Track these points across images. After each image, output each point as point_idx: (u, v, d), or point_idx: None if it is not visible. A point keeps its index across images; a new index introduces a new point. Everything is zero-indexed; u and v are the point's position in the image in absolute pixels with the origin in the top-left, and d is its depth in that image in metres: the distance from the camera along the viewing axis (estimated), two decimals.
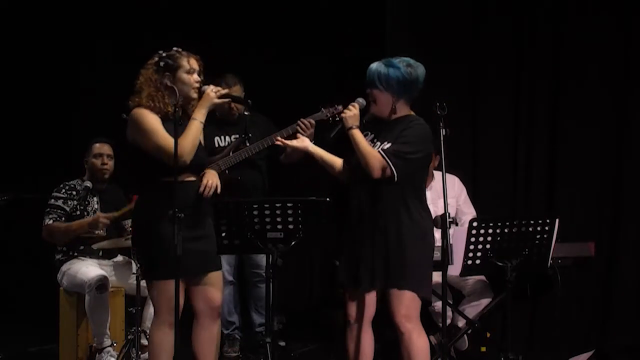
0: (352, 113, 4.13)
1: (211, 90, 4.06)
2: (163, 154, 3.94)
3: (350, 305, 4.18)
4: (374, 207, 4.03)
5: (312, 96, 5.98)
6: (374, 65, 4.12)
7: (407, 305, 4.04)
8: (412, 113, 4.19)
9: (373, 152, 4.03)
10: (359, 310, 4.16)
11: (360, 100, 4.19)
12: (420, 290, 4.06)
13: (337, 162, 4.22)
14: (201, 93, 4.08)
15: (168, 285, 3.94)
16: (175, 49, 4.11)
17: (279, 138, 4.38)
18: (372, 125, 4.23)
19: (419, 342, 4.07)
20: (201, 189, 4.08)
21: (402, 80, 4.08)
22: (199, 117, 4.02)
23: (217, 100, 4.07)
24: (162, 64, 4.06)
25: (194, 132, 4.00)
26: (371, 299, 4.16)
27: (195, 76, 4.09)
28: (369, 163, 4.01)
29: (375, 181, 4.04)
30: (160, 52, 4.11)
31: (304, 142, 4.28)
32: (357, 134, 4.08)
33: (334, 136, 4.27)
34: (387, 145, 4.07)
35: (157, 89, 4.04)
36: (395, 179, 4.00)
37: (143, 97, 4.03)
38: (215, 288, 4.15)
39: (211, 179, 4.13)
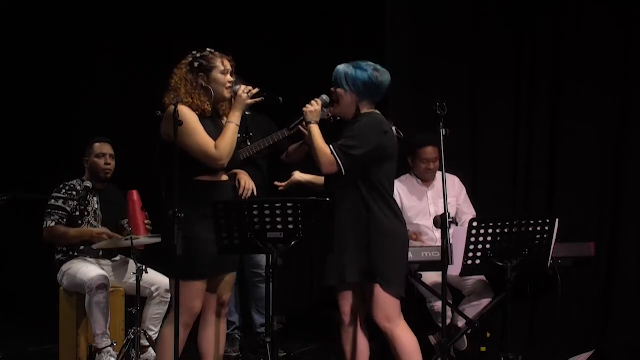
0: (313, 108, 4.22)
1: (243, 92, 4.10)
2: (201, 155, 3.99)
3: (342, 305, 4.23)
4: (338, 205, 4.05)
5: (312, 96, 5.97)
6: (342, 67, 4.20)
7: (382, 307, 4.10)
8: (375, 111, 4.22)
9: (324, 148, 4.10)
10: (350, 309, 4.21)
11: (324, 97, 4.26)
12: (388, 286, 4.08)
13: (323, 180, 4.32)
14: (234, 93, 4.12)
15: (191, 285, 4.00)
16: (209, 49, 4.15)
17: (277, 183, 4.58)
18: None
19: (402, 337, 4.12)
20: (240, 191, 4.19)
21: (368, 83, 4.13)
22: (235, 119, 4.07)
23: (250, 101, 4.12)
24: (196, 64, 4.10)
25: (231, 135, 4.04)
26: (358, 296, 4.20)
27: (229, 76, 4.14)
28: (318, 159, 4.11)
29: (334, 179, 4.11)
30: (194, 52, 4.14)
31: (294, 176, 4.48)
32: (315, 129, 4.17)
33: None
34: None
35: (193, 87, 4.07)
36: (343, 173, 4.07)
37: (181, 94, 4.05)
38: (227, 288, 4.23)
39: (248, 181, 4.22)
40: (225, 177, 4.14)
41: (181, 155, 3.97)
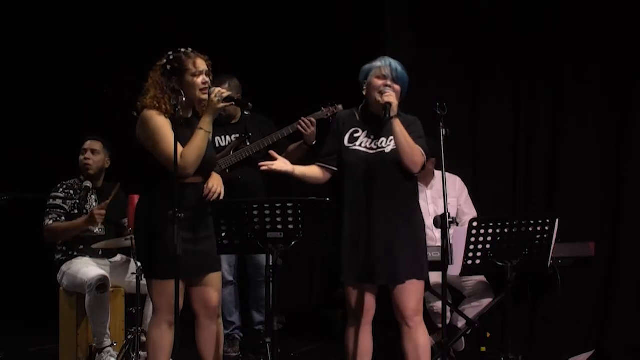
0: (397, 101, 4.15)
1: (214, 96, 4.04)
2: (168, 164, 3.95)
3: (352, 303, 4.21)
4: (391, 200, 4.10)
5: (312, 96, 5.98)
6: (398, 65, 4.24)
7: (417, 299, 4.17)
8: None
9: (417, 147, 4.11)
10: (361, 308, 4.20)
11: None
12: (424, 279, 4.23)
13: (316, 170, 4.29)
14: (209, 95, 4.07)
15: (169, 285, 3.95)
16: (182, 50, 4.10)
17: (263, 163, 4.29)
18: (366, 124, 4.26)
19: (425, 336, 4.18)
20: (205, 192, 4.11)
21: (407, 82, 4.26)
22: (205, 126, 4.02)
23: (220, 105, 4.07)
24: (169, 67, 4.06)
25: (199, 142, 4.00)
26: (373, 297, 4.21)
27: (203, 77, 4.08)
28: (415, 159, 4.10)
29: (394, 175, 4.12)
30: (169, 53, 4.10)
31: (286, 165, 4.24)
32: (400, 124, 4.11)
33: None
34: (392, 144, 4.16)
35: (163, 91, 4.04)
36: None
37: (147, 99, 4.03)
38: (213, 289, 4.18)
39: (216, 184, 4.15)
40: (198, 180, 4.09)
41: (151, 158, 4.00)
